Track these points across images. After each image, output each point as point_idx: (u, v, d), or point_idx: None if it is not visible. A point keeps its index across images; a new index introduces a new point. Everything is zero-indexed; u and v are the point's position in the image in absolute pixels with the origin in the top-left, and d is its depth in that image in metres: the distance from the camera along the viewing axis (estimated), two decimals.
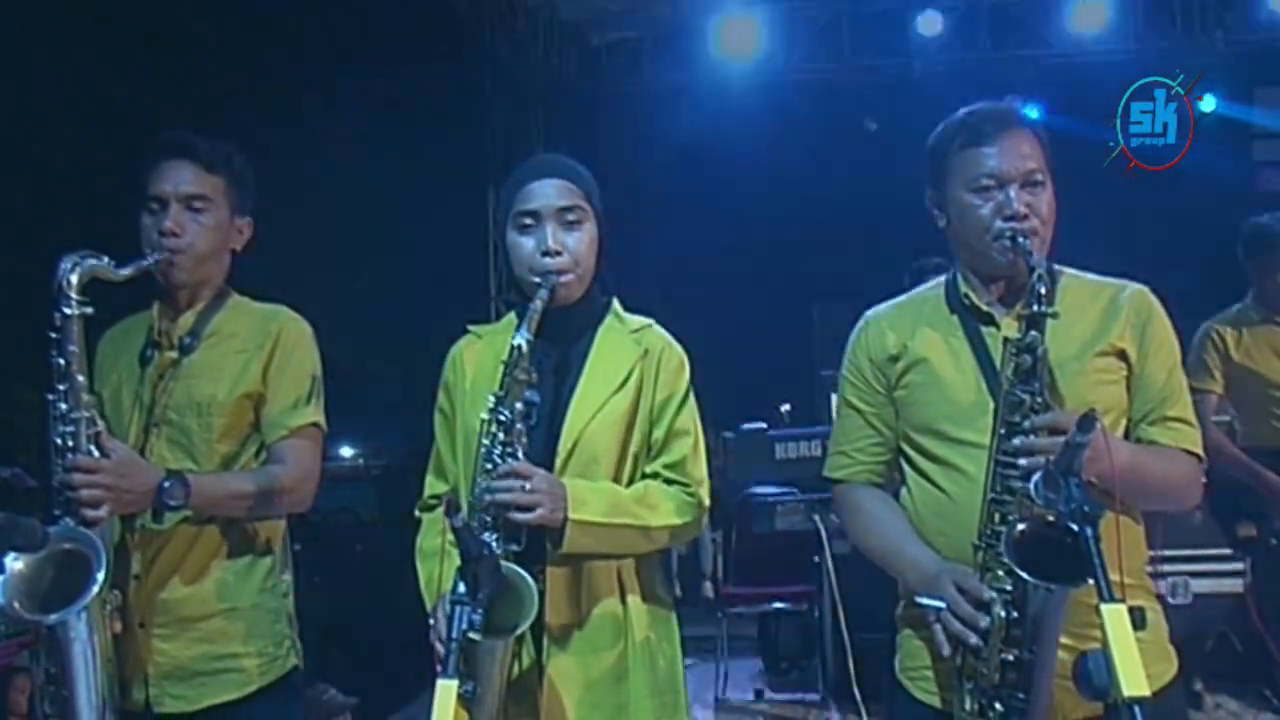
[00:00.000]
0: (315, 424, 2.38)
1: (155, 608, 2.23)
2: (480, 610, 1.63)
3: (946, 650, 1.87)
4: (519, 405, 1.95)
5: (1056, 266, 2.12)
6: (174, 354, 2.31)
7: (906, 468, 2.15)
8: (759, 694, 5.40)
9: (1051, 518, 1.70)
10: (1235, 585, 4.82)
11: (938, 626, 1.88)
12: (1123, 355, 2.03)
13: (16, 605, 1.94)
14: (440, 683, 1.56)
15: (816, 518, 4.59)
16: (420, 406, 2.33)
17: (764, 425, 5.01)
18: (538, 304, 2.01)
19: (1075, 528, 1.60)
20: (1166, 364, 2.06)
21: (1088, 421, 1.60)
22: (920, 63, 7.82)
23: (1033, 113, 7.89)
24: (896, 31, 7.88)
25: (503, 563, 1.80)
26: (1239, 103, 7.57)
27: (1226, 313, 3.96)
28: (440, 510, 2.22)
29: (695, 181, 8.42)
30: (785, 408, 6.34)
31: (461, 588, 1.66)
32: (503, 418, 1.95)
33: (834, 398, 5.73)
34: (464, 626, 1.62)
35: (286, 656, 2.34)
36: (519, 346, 1.94)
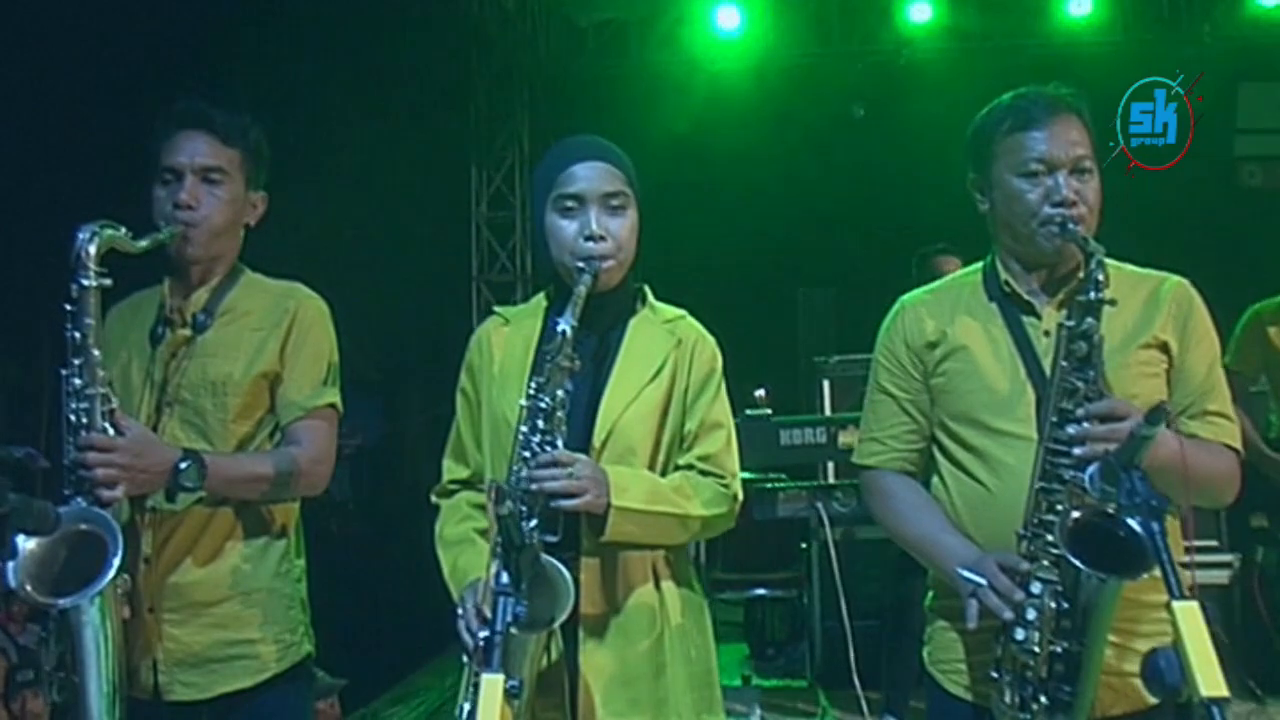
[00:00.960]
0: (332, 405, 2.31)
1: (166, 592, 2.16)
2: (525, 602, 1.58)
3: (973, 623, 1.84)
4: (560, 393, 1.90)
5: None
6: (187, 331, 2.24)
7: (940, 459, 2.12)
8: (746, 680, 5.37)
9: (1110, 509, 1.67)
10: (1221, 577, 4.86)
11: (972, 600, 1.85)
12: (1165, 348, 2.02)
13: (28, 588, 1.87)
14: (486, 677, 1.51)
15: (819, 504, 4.55)
16: (394, 386, 2.29)
17: (769, 411, 4.96)
18: (581, 290, 1.96)
19: (1138, 522, 1.57)
20: (1207, 357, 2.05)
21: (1157, 414, 1.57)
22: (909, 50, 7.78)
23: None
24: (885, 18, 7.84)
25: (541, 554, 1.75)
26: (1223, 97, 7.59)
27: (1274, 300, 3.83)
28: (461, 497, 2.18)
29: (680, 165, 8.35)
30: (760, 393, 6.30)
31: (505, 578, 1.60)
32: (543, 404, 1.89)
33: (826, 384, 5.72)
34: (508, 619, 1.57)
35: (301, 643, 2.29)
36: (564, 332, 1.89)
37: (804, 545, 5.21)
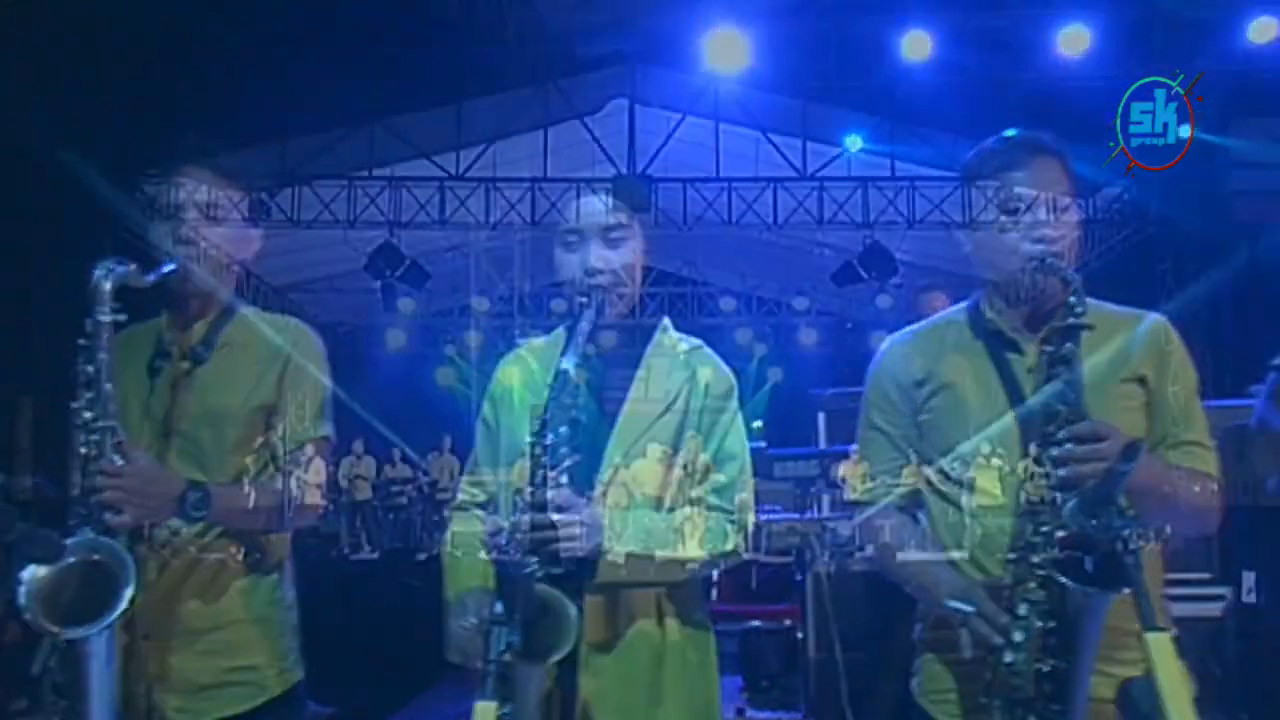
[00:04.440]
0: (326, 437, 2.35)
1: (162, 620, 2.19)
2: (518, 632, 1.61)
3: (968, 652, 1.88)
4: (564, 429, 1.92)
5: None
6: (186, 364, 2.28)
7: (927, 492, 2.15)
8: (740, 712, 5.38)
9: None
10: (1214, 610, 4.86)
11: (963, 630, 1.89)
12: (1142, 381, 2.07)
13: (39, 617, 1.88)
14: (479, 704, 1.54)
15: (814, 536, 4.57)
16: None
17: (764, 444, 4.99)
18: (585, 325, 2.00)
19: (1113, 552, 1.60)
20: (1185, 389, 2.10)
21: (1132, 450, 1.61)
22: (905, 85, 7.85)
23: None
24: (882, 53, 7.91)
25: (542, 586, 1.78)
26: (1217, 132, 7.64)
27: None
28: (474, 513, 2.20)
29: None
30: (756, 424, 6.32)
31: (499, 608, 1.64)
32: (548, 441, 1.92)
33: (822, 416, 5.74)
34: (501, 648, 1.60)
35: (293, 670, 2.32)
36: (565, 372, 1.92)
37: (799, 577, 5.21)
